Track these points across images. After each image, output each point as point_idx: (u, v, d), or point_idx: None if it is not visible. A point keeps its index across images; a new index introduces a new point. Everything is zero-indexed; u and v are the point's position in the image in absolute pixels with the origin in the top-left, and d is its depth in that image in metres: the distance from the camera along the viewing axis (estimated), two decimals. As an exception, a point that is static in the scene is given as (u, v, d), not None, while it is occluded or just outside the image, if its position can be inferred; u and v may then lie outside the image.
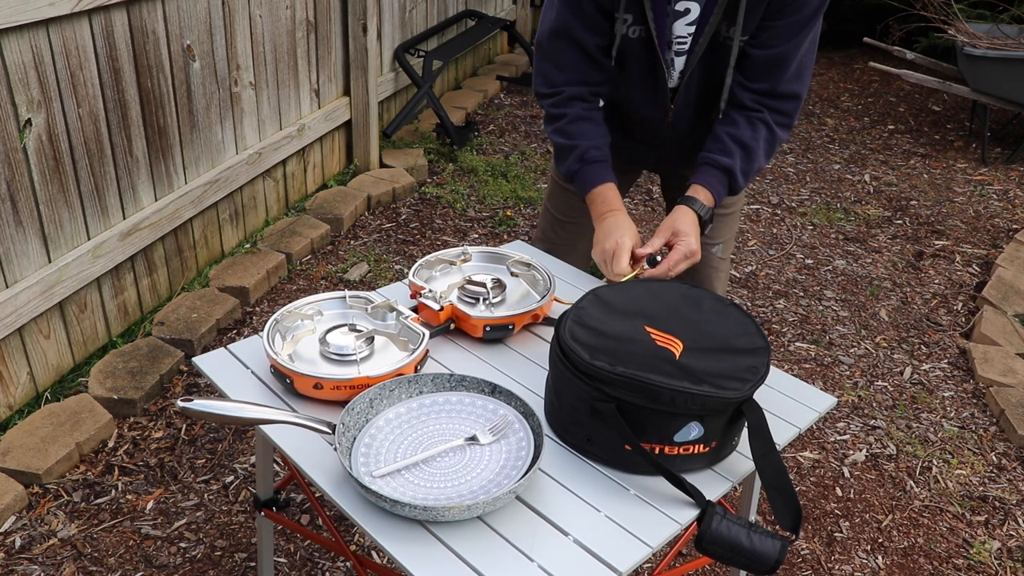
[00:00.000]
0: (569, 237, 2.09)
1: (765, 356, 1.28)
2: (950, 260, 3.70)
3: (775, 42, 1.65)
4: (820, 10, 1.64)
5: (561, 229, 2.10)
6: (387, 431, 1.29)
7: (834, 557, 2.18)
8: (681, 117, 1.81)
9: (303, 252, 3.38)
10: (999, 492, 2.41)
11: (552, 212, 2.12)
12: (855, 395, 2.79)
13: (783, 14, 1.62)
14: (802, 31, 1.65)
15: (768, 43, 1.66)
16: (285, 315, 1.48)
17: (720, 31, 1.65)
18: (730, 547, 1.14)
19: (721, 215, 1.94)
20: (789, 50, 1.66)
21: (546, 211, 2.15)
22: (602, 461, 1.27)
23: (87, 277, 2.51)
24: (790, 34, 1.64)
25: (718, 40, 1.66)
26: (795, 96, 1.72)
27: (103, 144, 2.51)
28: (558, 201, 2.09)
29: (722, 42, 1.67)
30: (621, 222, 1.69)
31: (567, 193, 2.02)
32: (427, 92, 4.33)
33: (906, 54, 5.01)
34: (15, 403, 2.38)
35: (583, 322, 1.32)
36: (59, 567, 2.01)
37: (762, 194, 4.26)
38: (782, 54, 1.66)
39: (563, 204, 2.07)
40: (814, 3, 1.62)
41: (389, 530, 1.13)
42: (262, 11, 3.16)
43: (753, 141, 1.72)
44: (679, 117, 1.80)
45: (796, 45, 1.66)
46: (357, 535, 2.16)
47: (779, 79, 1.69)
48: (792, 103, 1.73)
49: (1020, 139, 4.98)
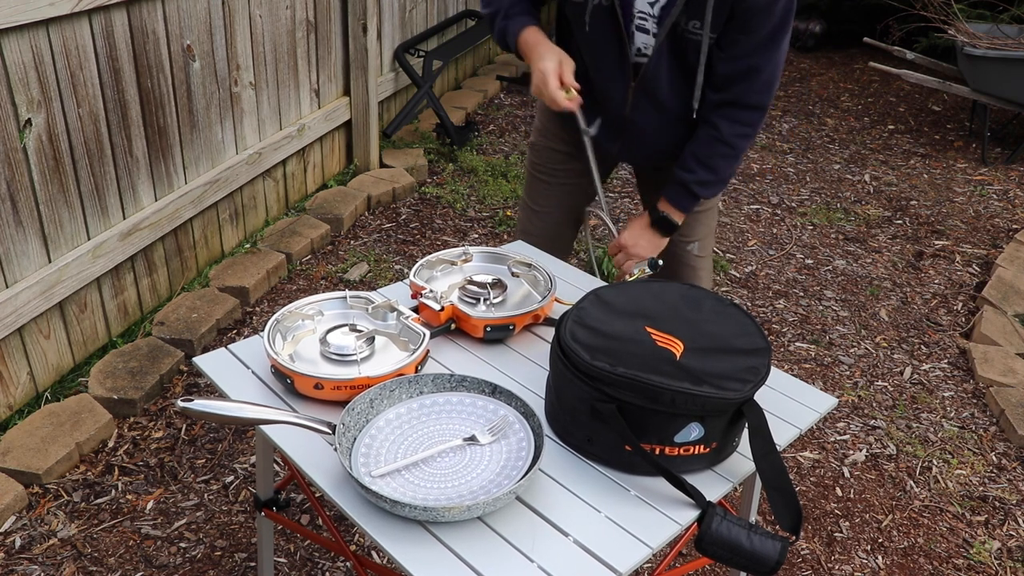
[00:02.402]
0: (545, 227, 2.14)
1: (765, 356, 1.28)
2: (950, 260, 3.71)
3: (745, 55, 1.70)
4: (787, 21, 1.69)
5: (537, 219, 2.15)
6: (387, 431, 1.29)
7: (834, 557, 2.18)
8: (642, 102, 1.83)
9: (303, 252, 3.38)
10: (999, 492, 2.41)
11: (528, 203, 2.20)
12: (855, 395, 2.79)
13: (750, 26, 1.66)
14: (771, 44, 1.69)
15: (738, 55, 1.70)
16: (286, 315, 1.48)
17: (680, 22, 1.68)
18: (730, 548, 1.14)
19: (694, 212, 1.97)
20: (760, 64, 1.71)
21: (522, 201, 2.23)
22: (602, 462, 1.27)
23: (87, 277, 2.51)
24: (761, 48, 1.69)
25: (679, 30, 1.70)
26: (760, 108, 1.78)
27: (103, 144, 2.51)
28: (531, 191, 2.18)
29: (685, 35, 1.70)
30: (544, 52, 1.77)
31: (538, 183, 2.13)
32: (427, 92, 4.33)
33: (906, 54, 5.01)
34: (15, 403, 2.38)
35: (584, 322, 1.32)
36: (59, 567, 2.01)
37: (762, 194, 4.26)
38: (753, 67, 1.71)
39: (536, 194, 2.17)
40: (779, 13, 1.65)
41: (389, 530, 1.13)
42: (262, 11, 3.16)
43: (709, 157, 1.82)
44: (639, 101, 1.83)
45: (767, 60, 1.71)
46: (357, 535, 2.16)
47: (747, 91, 1.74)
48: (756, 114, 1.78)
49: (1020, 139, 4.98)
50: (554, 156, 2.10)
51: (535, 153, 2.15)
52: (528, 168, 2.18)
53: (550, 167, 2.11)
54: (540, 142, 2.13)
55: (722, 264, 3.53)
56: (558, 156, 2.09)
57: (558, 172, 2.11)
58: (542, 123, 2.13)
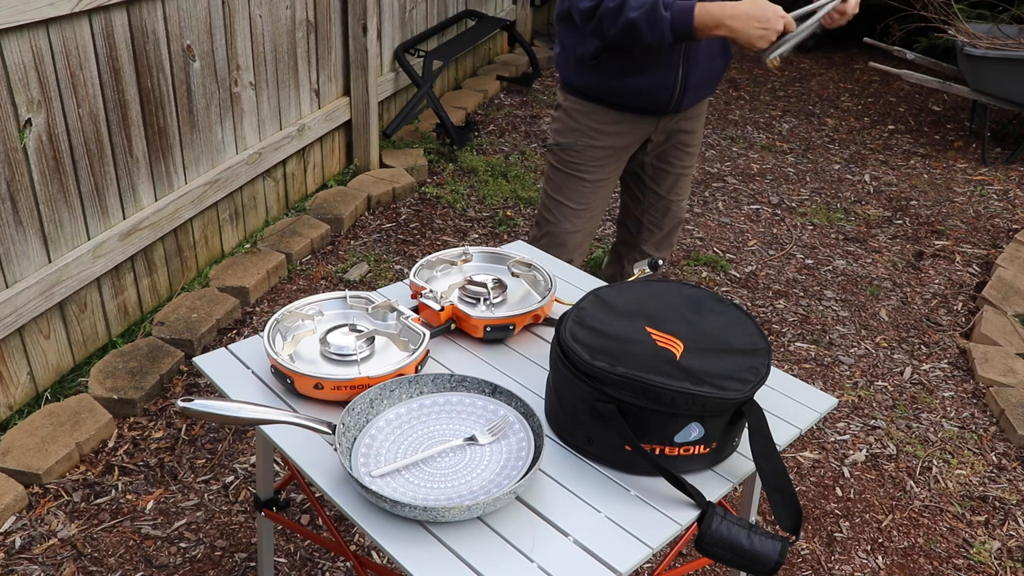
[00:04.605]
0: (585, 223, 2.25)
1: (765, 357, 1.28)
2: (950, 260, 3.70)
3: None
4: None
5: (576, 217, 2.20)
6: (387, 431, 1.29)
7: (834, 557, 2.18)
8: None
9: (303, 252, 3.38)
10: (999, 492, 2.41)
11: (564, 203, 2.27)
12: (855, 395, 2.79)
13: None
14: None
15: None
16: (286, 315, 1.48)
17: None
18: (730, 548, 1.14)
19: (687, 174, 2.41)
20: None
21: (554, 203, 2.28)
22: (602, 462, 1.27)
23: (87, 277, 2.51)
24: None
25: None
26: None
27: (103, 144, 2.51)
28: (568, 191, 2.26)
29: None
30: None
31: (578, 181, 2.24)
32: (427, 92, 4.33)
33: (906, 54, 5.01)
34: (15, 403, 2.38)
35: (584, 322, 1.32)
36: (59, 567, 2.01)
37: (762, 194, 4.26)
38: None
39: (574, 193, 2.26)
40: None
41: (389, 530, 1.13)
42: (262, 11, 3.16)
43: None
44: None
45: None
46: (357, 535, 2.16)
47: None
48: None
49: (1020, 139, 4.98)
50: (596, 154, 2.20)
51: (573, 154, 2.22)
52: (562, 168, 2.25)
53: (592, 166, 2.21)
54: (581, 142, 2.20)
55: (722, 264, 3.53)
56: (599, 153, 2.20)
57: (598, 169, 2.22)
58: (578, 123, 2.18)
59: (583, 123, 2.19)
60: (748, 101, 5.66)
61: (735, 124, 5.22)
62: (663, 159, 2.36)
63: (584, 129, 2.19)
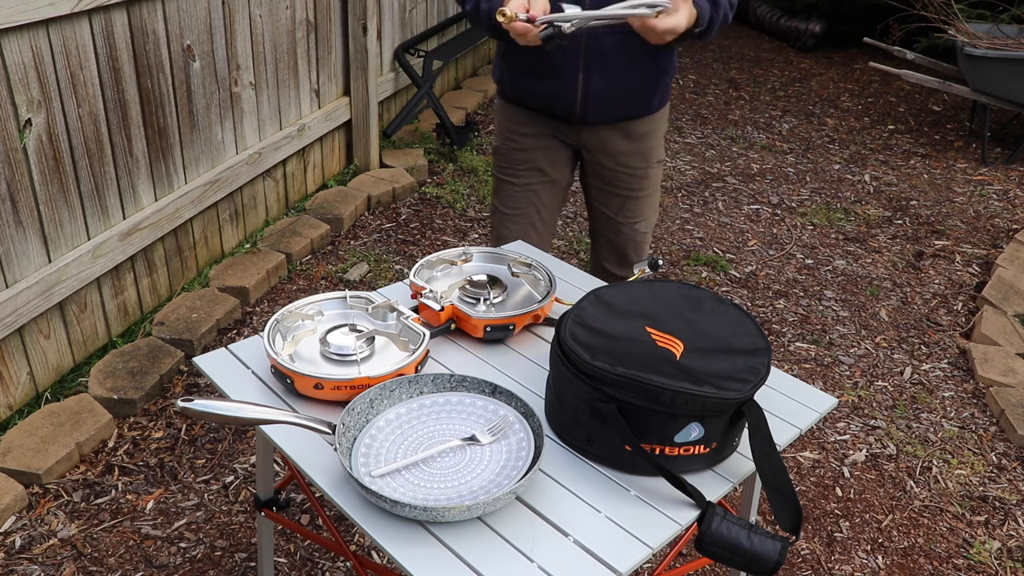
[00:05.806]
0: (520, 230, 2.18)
1: (765, 357, 1.28)
2: (950, 260, 3.71)
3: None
4: None
5: (510, 222, 2.18)
6: (387, 431, 1.29)
7: (834, 557, 2.18)
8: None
9: (303, 252, 3.38)
10: (999, 492, 2.41)
11: (499, 207, 2.22)
12: (855, 395, 2.79)
13: None
14: None
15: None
16: (286, 315, 1.48)
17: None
18: (730, 548, 1.14)
19: (641, 197, 2.17)
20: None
21: (494, 207, 2.26)
22: (602, 462, 1.27)
23: (87, 277, 2.51)
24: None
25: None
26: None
27: (103, 144, 2.51)
28: (501, 195, 2.21)
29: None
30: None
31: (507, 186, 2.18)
32: (427, 92, 4.33)
33: (906, 54, 5.01)
34: (15, 403, 2.38)
35: (584, 322, 1.32)
36: (59, 567, 2.01)
37: (762, 194, 4.26)
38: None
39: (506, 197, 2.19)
40: None
41: (389, 530, 1.13)
42: (262, 11, 3.16)
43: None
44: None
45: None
46: (357, 535, 2.16)
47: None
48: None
49: (1020, 139, 4.98)
50: (518, 157, 2.14)
51: (500, 156, 2.19)
52: (496, 172, 2.23)
53: (517, 169, 2.16)
54: (503, 145, 2.17)
55: (722, 264, 3.53)
56: (521, 156, 2.14)
57: (524, 173, 2.16)
58: (502, 125, 2.16)
59: (505, 125, 2.15)
60: (748, 101, 5.66)
61: (735, 124, 5.23)
62: (607, 180, 2.17)
63: (505, 132, 2.15)
